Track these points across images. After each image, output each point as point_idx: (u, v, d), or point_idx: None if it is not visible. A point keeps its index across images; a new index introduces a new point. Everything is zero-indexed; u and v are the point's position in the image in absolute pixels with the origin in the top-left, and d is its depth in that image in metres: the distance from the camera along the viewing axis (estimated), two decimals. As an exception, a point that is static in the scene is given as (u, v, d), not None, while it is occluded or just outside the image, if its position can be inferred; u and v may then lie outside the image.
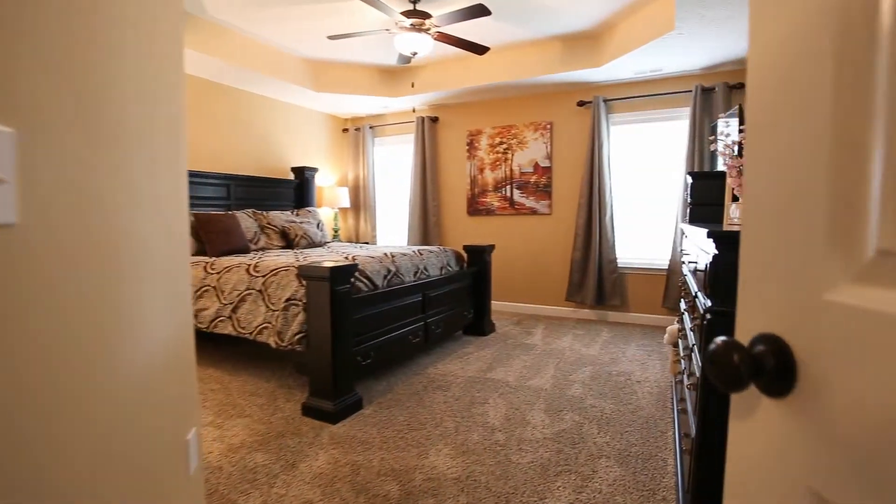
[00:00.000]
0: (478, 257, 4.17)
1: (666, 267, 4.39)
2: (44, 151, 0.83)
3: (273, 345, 2.67)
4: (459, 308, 3.86)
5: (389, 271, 3.16)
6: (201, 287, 3.12)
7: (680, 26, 3.12)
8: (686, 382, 1.72)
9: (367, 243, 5.75)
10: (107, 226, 0.99)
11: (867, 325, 0.35)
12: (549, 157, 4.93)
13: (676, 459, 1.95)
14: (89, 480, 0.92)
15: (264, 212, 4.51)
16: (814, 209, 0.42)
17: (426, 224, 5.58)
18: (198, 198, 4.15)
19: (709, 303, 1.30)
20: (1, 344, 0.71)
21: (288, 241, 4.48)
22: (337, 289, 2.45)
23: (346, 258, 3.15)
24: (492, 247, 4.23)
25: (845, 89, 0.38)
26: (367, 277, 2.93)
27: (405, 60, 3.86)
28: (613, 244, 4.59)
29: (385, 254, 3.33)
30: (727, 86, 4.01)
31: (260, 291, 2.85)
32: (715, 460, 1.32)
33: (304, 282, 2.56)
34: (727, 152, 2.53)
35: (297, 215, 4.90)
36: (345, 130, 6.19)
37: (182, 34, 1.33)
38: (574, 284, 4.76)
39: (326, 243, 4.88)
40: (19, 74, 0.75)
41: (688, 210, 3.24)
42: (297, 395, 2.77)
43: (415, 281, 3.37)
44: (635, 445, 2.17)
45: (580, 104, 4.72)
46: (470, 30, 3.86)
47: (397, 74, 5.03)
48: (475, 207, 5.39)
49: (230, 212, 4.20)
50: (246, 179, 4.66)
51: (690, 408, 1.60)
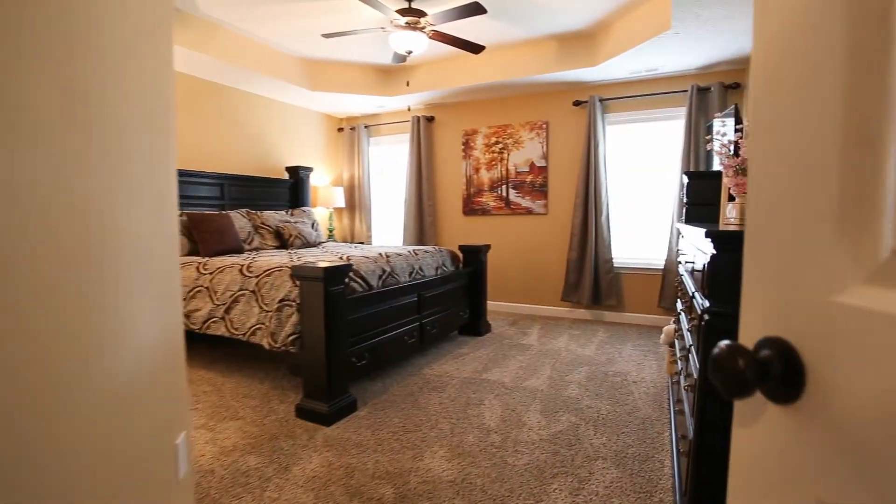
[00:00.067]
0: (473, 257, 4.15)
1: (662, 267, 4.39)
2: (21, 147, 0.80)
3: (266, 346, 2.64)
4: (455, 308, 3.84)
5: (384, 271, 3.13)
6: (194, 287, 3.09)
7: (676, 25, 3.11)
8: (683, 383, 1.70)
9: (363, 243, 5.71)
10: (89, 224, 0.97)
11: (880, 329, 0.34)
12: (545, 157, 4.92)
13: (673, 461, 1.94)
14: (65, 489, 0.89)
15: (258, 211, 4.48)
16: (823, 207, 0.40)
17: (422, 224, 5.56)
18: (191, 197, 4.11)
19: (707, 303, 1.28)
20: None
21: (282, 242, 4.45)
22: (331, 289, 2.43)
23: (341, 258, 3.12)
24: (487, 247, 4.21)
25: (858, 82, 0.36)
26: (362, 278, 2.90)
27: (400, 59, 3.83)
28: (609, 244, 4.58)
29: (380, 254, 3.30)
30: (723, 85, 4.01)
31: (253, 292, 2.82)
32: (713, 463, 1.31)
33: (298, 282, 2.53)
34: (723, 152, 2.52)
35: (292, 215, 4.87)
36: (340, 130, 6.16)
37: (171, 29, 1.30)
38: (570, 284, 4.75)
39: (321, 243, 4.85)
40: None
41: (684, 210, 3.23)
42: (291, 397, 2.74)
43: (410, 281, 3.35)
44: (632, 447, 2.16)
45: (576, 104, 4.71)
46: (465, 28, 3.84)
47: (392, 74, 5.00)
48: (471, 207, 5.37)
49: (224, 211, 4.17)
50: (240, 179, 4.62)
51: (688, 409, 1.58)
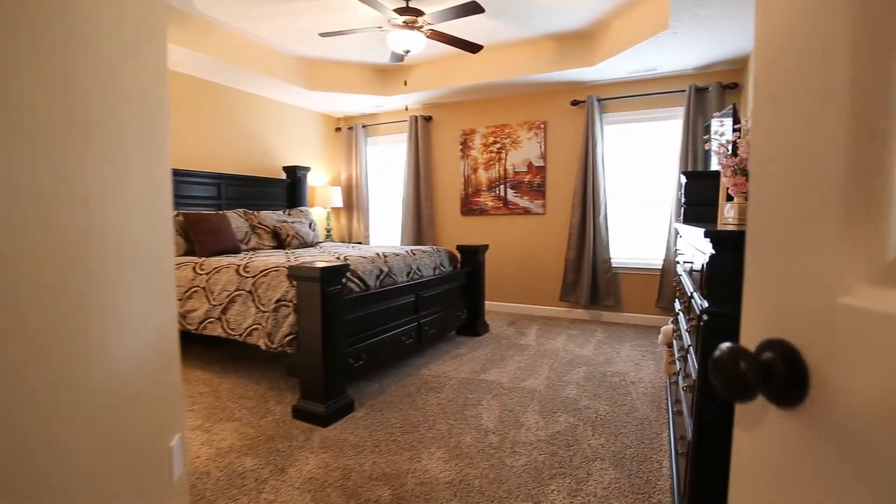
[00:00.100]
0: (471, 257, 4.14)
1: (660, 267, 4.38)
2: (21, 147, 0.79)
3: (263, 346, 2.62)
4: (453, 308, 3.83)
5: (382, 271, 3.12)
6: (190, 288, 3.07)
7: (674, 25, 3.10)
8: (682, 384, 1.69)
9: (360, 243, 5.70)
10: (82, 223, 0.95)
11: (887, 331, 0.33)
12: (543, 157, 4.91)
13: (672, 462, 1.93)
14: (57, 491, 0.88)
15: (255, 211, 4.46)
16: (827, 206, 0.39)
17: (419, 224, 5.54)
18: (187, 197, 4.09)
19: (706, 304, 1.28)
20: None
21: (279, 242, 4.43)
22: (328, 289, 2.41)
23: (338, 258, 3.10)
24: (485, 247, 4.20)
25: (864, 77, 0.35)
26: (359, 278, 2.89)
27: (398, 59, 3.82)
28: (607, 244, 4.58)
29: (377, 254, 3.29)
30: (721, 85, 4.00)
31: (250, 292, 2.80)
32: (711, 464, 1.30)
33: (295, 282, 2.52)
34: (721, 151, 2.52)
35: (289, 215, 4.85)
36: (337, 129, 6.14)
37: (165, 28, 1.29)
38: (568, 284, 4.74)
39: (318, 243, 4.83)
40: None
41: (682, 210, 3.23)
42: (288, 398, 2.73)
43: (407, 281, 3.34)
44: (630, 447, 2.15)
45: (574, 103, 4.70)
46: (463, 28, 3.83)
47: (390, 73, 4.99)
48: (469, 207, 5.36)
49: (220, 211, 4.15)
50: (237, 179, 4.60)
51: (686, 410, 1.57)
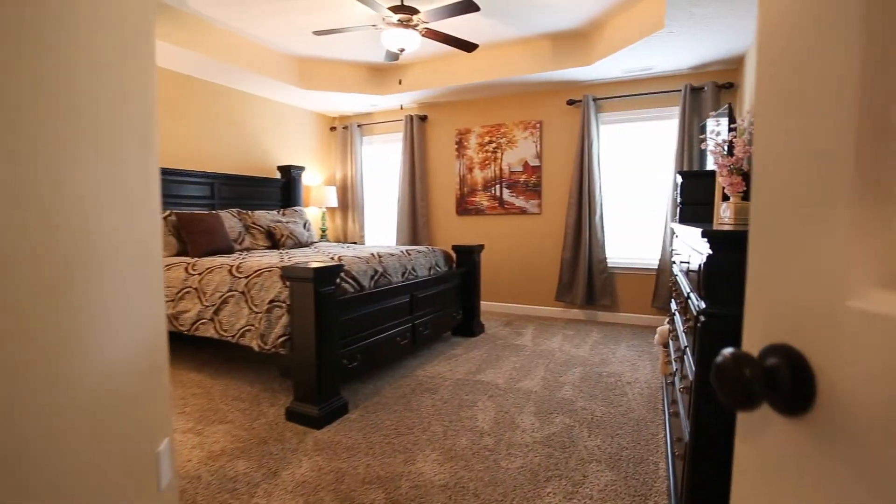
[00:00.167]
0: (467, 257, 4.12)
1: (655, 266, 4.38)
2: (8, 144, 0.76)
3: (256, 348, 2.59)
4: (448, 309, 3.81)
5: (376, 272, 3.09)
6: (182, 289, 3.04)
7: (670, 24, 3.09)
8: (679, 385, 1.68)
9: (356, 243, 5.67)
10: (63, 223, 0.93)
11: (899, 337, 0.31)
12: (539, 157, 4.90)
13: (668, 464, 1.92)
14: (36, 501, 0.85)
15: (249, 211, 4.42)
16: (835, 205, 0.37)
17: (415, 224, 5.52)
18: (180, 196, 4.05)
19: (703, 305, 1.26)
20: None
21: (273, 242, 4.40)
22: (321, 290, 2.38)
23: (332, 258, 3.08)
24: (481, 247, 4.18)
25: (877, 67, 0.33)
26: (354, 278, 2.86)
27: (393, 57, 3.79)
28: (603, 244, 4.57)
29: (372, 254, 3.26)
30: (716, 85, 4.00)
31: (243, 293, 2.77)
32: (709, 467, 1.28)
33: (288, 283, 2.49)
34: (718, 151, 2.51)
35: (284, 215, 4.81)
36: (332, 129, 6.11)
37: (153, 24, 1.26)
38: (564, 284, 4.73)
39: (313, 243, 4.80)
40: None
41: (678, 209, 3.22)
42: (282, 400, 2.70)
43: (402, 281, 3.31)
44: (626, 449, 2.13)
45: (570, 103, 4.69)
46: (458, 26, 3.80)
47: (385, 72, 4.96)
48: (464, 207, 5.34)
49: (214, 211, 4.11)
50: (231, 178, 4.56)
51: (683, 411, 1.56)
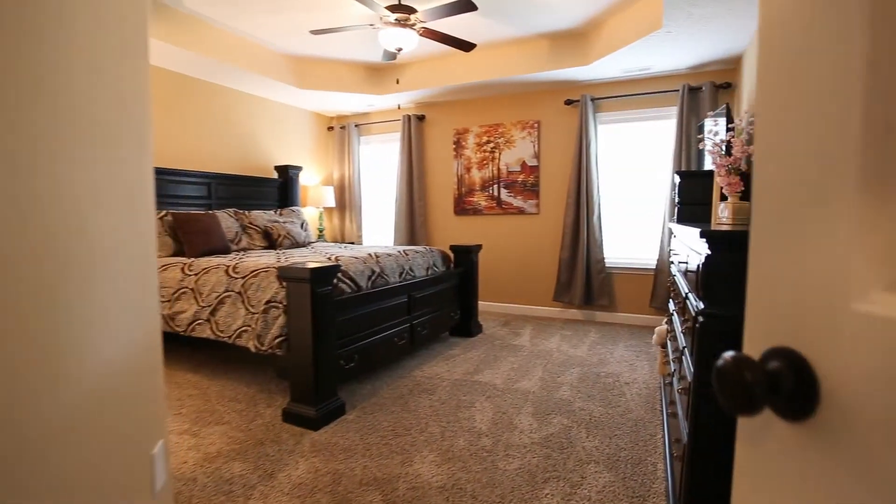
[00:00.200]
0: (465, 257, 4.11)
1: (653, 266, 4.37)
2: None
3: (252, 349, 2.58)
4: (446, 309, 3.80)
5: (374, 272, 3.08)
6: (179, 289, 3.02)
7: (668, 24, 3.09)
8: (677, 386, 1.67)
9: (353, 243, 5.65)
10: (56, 223, 0.91)
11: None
12: (537, 157, 4.89)
13: (666, 465, 1.91)
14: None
15: (246, 211, 4.40)
16: (840, 204, 0.36)
17: (413, 224, 5.50)
18: (177, 196, 4.03)
19: (701, 305, 1.25)
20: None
21: (271, 242, 4.38)
22: (318, 290, 2.37)
23: (329, 259, 3.06)
24: (479, 247, 4.18)
25: (883, 59, 0.33)
26: (351, 278, 2.85)
27: (390, 57, 3.78)
28: (601, 244, 4.56)
29: (369, 254, 3.25)
30: (714, 85, 4.00)
31: (239, 293, 2.75)
32: (707, 468, 1.28)
33: (285, 283, 2.48)
34: (716, 151, 2.50)
35: (281, 215, 4.79)
36: (330, 129, 6.09)
37: (146, 21, 1.25)
38: (562, 284, 4.73)
39: (311, 243, 4.78)
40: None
41: (676, 209, 3.21)
42: (279, 401, 2.68)
43: (400, 282, 3.30)
44: (624, 450, 2.13)
45: (567, 103, 4.68)
46: (456, 26, 3.79)
47: (382, 72, 4.94)
48: (462, 207, 5.33)
49: (211, 211, 4.09)
50: (228, 178, 4.54)
51: (681, 412, 1.55)
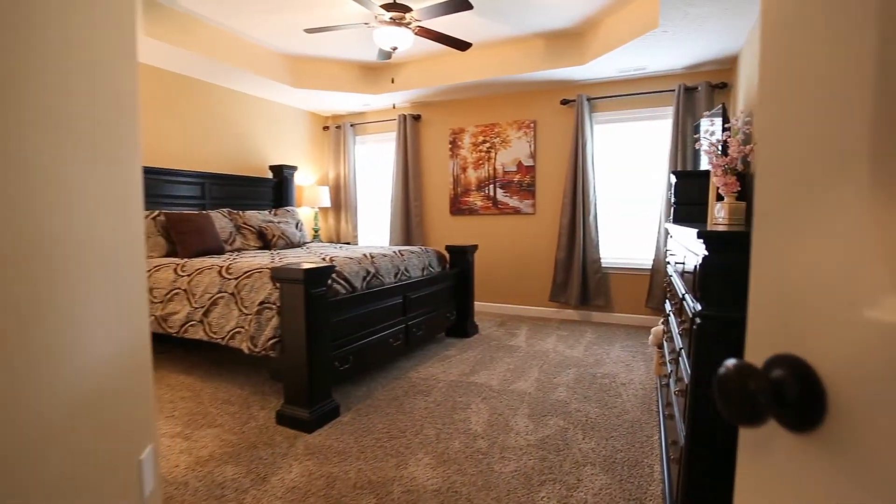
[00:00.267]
0: (460, 258, 4.09)
1: (650, 267, 4.37)
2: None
3: (246, 350, 2.55)
4: (442, 309, 3.77)
5: (369, 273, 3.06)
6: (171, 290, 2.98)
7: (664, 24, 3.08)
8: (674, 388, 1.66)
9: (349, 244, 5.63)
10: (38, 223, 0.89)
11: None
12: (533, 156, 4.88)
13: (663, 467, 1.90)
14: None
15: (241, 211, 4.37)
16: (848, 203, 0.34)
17: (408, 224, 5.48)
18: (169, 196, 3.99)
19: (699, 306, 1.24)
20: None
21: (265, 242, 4.35)
22: (312, 291, 2.35)
23: (324, 259, 3.04)
24: (475, 247, 4.16)
25: (894, 46, 0.31)
26: (345, 279, 2.82)
27: (385, 56, 3.76)
28: (597, 244, 4.55)
29: (364, 254, 3.23)
30: (710, 85, 4.00)
31: (232, 294, 2.72)
32: (705, 471, 1.26)
33: (279, 284, 2.45)
34: (712, 151, 2.50)
35: (276, 215, 4.76)
36: (325, 128, 6.06)
37: (134, 17, 1.22)
38: (558, 285, 4.71)
39: (306, 244, 4.75)
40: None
41: (672, 209, 3.21)
42: (272, 403, 2.66)
43: (395, 282, 3.28)
44: (621, 451, 2.11)
45: (563, 102, 4.67)
46: (452, 25, 3.77)
47: (378, 71, 4.92)
48: (458, 207, 5.31)
49: (204, 211, 4.05)
50: (222, 178, 4.50)
51: (678, 414, 1.54)
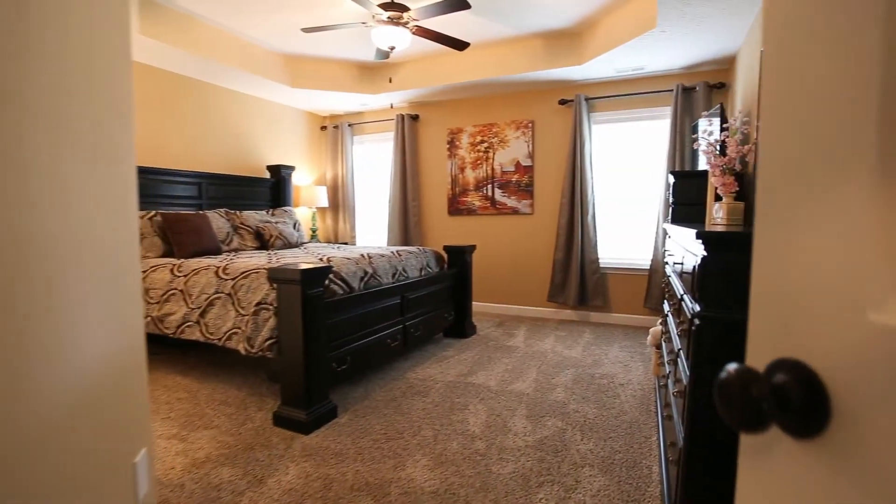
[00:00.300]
0: (458, 258, 4.08)
1: (648, 267, 4.36)
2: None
3: (242, 351, 2.54)
4: (440, 310, 3.76)
5: (366, 273, 3.05)
6: (167, 291, 2.97)
7: (662, 23, 3.07)
8: (672, 389, 1.65)
9: (346, 244, 5.61)
10: (32, 223, 0.87)
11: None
12: (531, 156, 4.87)
13: (661, 468, 1.89)
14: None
15: (238, 211, 4.35)
16: (855, 201, 0.33)
17: (406, 224, 5.47)
18: (166, 196, 3.97)
19: (697, 307, 1.23)
20: None
21: (263, 242, 4.33)
22: (309, 292, 2.33)
23: (321, 260, 3.02)
24: (473, 247, 4.15)
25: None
26: (343, 280, 2.81)
27: (383, 55, 3.75)
28: (596, 244, 4.55)
29: (362, 255, 3.21)
30: (708, 85, 3.99)
31: (229, 295, 2.71)
32: (704, 472, 1.26)
33: (276, 285, 2.44)
34: (710, 151, 2.49)
35: (273, 215, 4.75)
36: (323, 128, 6.04)
37: (128, 15, 1.21)
38: (556, 285, 4.71)
39: (303, 244, 4.74)
40: None
41: (670, 210, 3.20)
42: (270, 404, 2.64)
43: (393, 283, 3.27)
44: (619, 452, 2.11)
45: (562, 102, 4.67)
46: (449, 25, 3.77)
47: (376, 71, 4.90)
48: (456, 207, 5.30)
49: (201, 211, 4.04)
50: (219, 178, 4.48)
51: (677, 415, 1.53)
